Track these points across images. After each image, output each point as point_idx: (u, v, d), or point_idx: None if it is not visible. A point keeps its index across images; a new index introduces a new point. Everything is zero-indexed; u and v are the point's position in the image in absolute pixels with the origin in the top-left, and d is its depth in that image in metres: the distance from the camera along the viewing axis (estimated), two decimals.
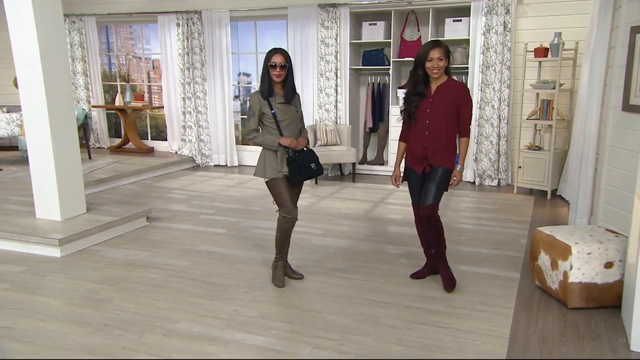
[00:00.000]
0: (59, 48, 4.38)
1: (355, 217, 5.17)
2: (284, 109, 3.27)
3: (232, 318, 3.01)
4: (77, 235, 4.16)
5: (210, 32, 7.64)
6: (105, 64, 9.24)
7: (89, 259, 3.99)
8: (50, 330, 2.87)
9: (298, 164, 3.25)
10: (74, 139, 4.57)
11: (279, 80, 3.21)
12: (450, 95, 3.18)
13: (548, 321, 2.96)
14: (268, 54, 3.21)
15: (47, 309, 3.14)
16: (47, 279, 3.61)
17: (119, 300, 3.24)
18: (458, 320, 2.98)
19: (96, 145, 8.77)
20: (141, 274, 3.68)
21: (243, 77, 8.40)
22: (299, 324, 2.94)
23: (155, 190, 6.33)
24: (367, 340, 2.77)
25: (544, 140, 6.12)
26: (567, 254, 3.00)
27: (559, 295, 3.11)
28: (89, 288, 3.44)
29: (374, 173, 7.28)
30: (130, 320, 2.98)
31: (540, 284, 3.33)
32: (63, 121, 4.42)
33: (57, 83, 4.34)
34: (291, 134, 3.30)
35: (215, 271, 3.74)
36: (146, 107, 8.23)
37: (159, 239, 4.45)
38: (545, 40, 5.83)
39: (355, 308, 3.15)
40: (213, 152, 8.01)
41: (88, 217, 4.57)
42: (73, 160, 4.57)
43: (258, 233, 4.64)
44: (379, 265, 3.86)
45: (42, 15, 4.19)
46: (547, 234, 3.23)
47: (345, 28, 6.96)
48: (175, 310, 3.10)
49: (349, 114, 7.21)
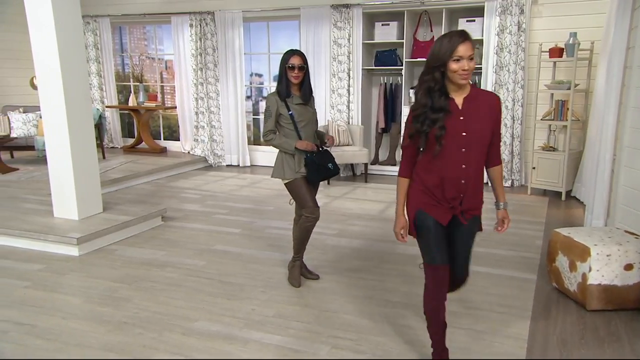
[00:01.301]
0: (78, 50, 4.43)
1: (368, 217, 5.17)
2: (301, 110, 3.29)
3: (250, 317, 3.03)
4: (95, 234, 4.20)
5: (223, 33, 7.68)
6: (119, 65, 9.31)
7: (107, 257, 4.03)
8: (72, 327, 2.91)
9: (316, 164, 3.27)
10: (91, 139, 4.61)
11: (296, 82, 3.23)
12: (484, 110, 2.25)
13: (567, 323, 2.94)
14: (285, 55, 3.22)
15: (68, 307, 3.17)
16: (67, 277, 3.65)
17: (137, 299, 3.27)
18: (475, 321, 2.97)
19: (109, 145, 8.84)
20: (158, 273, 3.70)
21: (255, 77, 8.42)
22: (316, 324, 2.95)
23: (168, 190, 6.37)
24: (384, 340, 2.77)
25: (559, 141, 6.08)
26: (586, 255, 2.98)
27: (577, 297, 3.10)
28: (107, 287, 3.47)
29: (386, 173, 7.27)
30: (149, 318, 3.01)
31: (557, 285, 3.31)
32: (81, 121, 4.47)
33: (75, 84, 4.39)
34: (307, 135, 3.32)
35: (231, 271, 3.76)
36: (159, 107, 8.28)
37: (175, 239, 4.48)
38: (560, 41, 5.79)
39: (372, 308, 3.15)
40: (225, 152, 8.05)
41: (104, 216, 4.61)
42: (90, 160, 4.61)
43: (272, 233, 4.65)
44: (395, 265, 3.86)
45: (62, 18, 4.24)
46: (565, 236, 3.21)
47: (357, 28, 6.96)
48: (193, 309, 3.12)
49: (361, 114, 7.21)
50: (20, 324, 2.95)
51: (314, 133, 3.40)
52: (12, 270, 3.77)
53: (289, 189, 3.34)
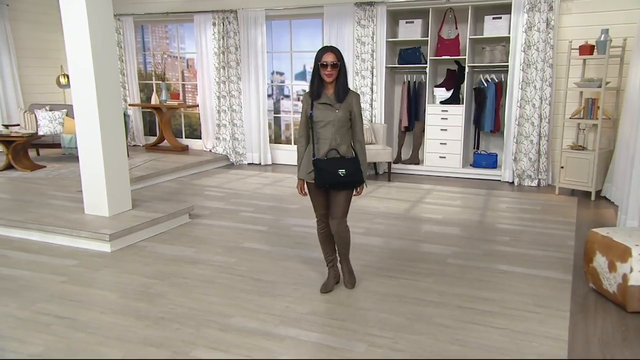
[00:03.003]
0: (110, 49, 4.49)
1: (394, 216, 5.17)
2: (323, 110, 3.11)
3: (284, 314, 3.05)
4: (126, 231, 4.26)
5: (245, 31, 7.73)
6: (141, 63, 9.41)
7: (138, 254, 4.09)
8: (110, 322, 2.96)
9: (318, 168, 3.12)
10: (122, 138, 4.68)
11: (330, 80, 3.09)
12: None
13: (607, 324, 2.91)
14: (319, 52, 3.10)
15: (104, 301, 3.23)
16: (101, 272, 3.71)
17: (172, 295, 3.32)
18: (513, 321, 2.96)
19: (132, 143, 8.95)
20: (190, 270, 3.75)
21: (277, 75, 8.46)
22: (352, 322, 2.96)
23: (192, 188, 6.43)
24: (421, 339, 2.77)
25: (588, 140, 6.01)
26: (626, 256, 2.95)
27: (617, 298, 3.06)
28: (141, 282, 3.53)
29: (409, 172, 7.26)
30: (185, 314, 3.05)
31: (595, 286, 3.28)
32: (112, 120, 4.54)
33: (107, 84, 4.46)
34: (326, 137, 3.13)
35: (261, 268, 3.79)
36: (181, 105, 8.35)
37: (203, 236, 4.53)
38: (590, 38, 5.72)
39: (406, 307, 3.15)
40: (247, 151, 8.10)
41: (134, 213, 4.68)
42: (121, 158, 4.68)
43: (299, 231, 4.68)
44: (425, 264, 3.85)
45: (95, 18, 4.31)
46: (604, 236, 3.18)
47: (381, 26, 6.96)
48: (227, 306, 3.16)
49: (384, 112, 7.20)
50: (62, 318, 3.01)
51: (337, 136, 3.13)
52: (48, 266, 3.85)
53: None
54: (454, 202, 5.73)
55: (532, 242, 4.32)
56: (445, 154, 6.96)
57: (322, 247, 3.43)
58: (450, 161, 6.95)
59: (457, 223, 4.91)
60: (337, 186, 3.15)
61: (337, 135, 3.15)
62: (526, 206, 5.52)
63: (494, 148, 7.12)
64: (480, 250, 4.15)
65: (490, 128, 6.82)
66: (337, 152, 3.15)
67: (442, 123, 6.90)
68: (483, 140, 7.17)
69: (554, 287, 3.42)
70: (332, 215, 3.24)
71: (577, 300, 3.23)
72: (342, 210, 3.23)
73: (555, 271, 3.69)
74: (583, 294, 3.31)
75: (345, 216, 3.26)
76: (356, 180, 3.17)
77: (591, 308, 3.12)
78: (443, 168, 7.02)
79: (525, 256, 4.00)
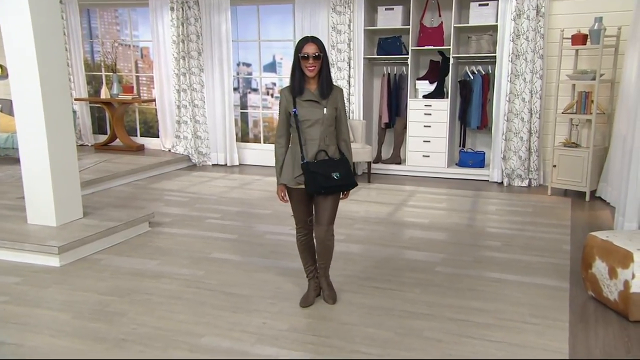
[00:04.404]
0: (55, 36, 4.38)
1: (376, 221, 5.21)
2: (309, 108, 3.11)
3: (261, 332, 3.04)
4: (77, 242, 4.17)
5: (208, 17, 7.67)
6: (87, 52, 9.22)
7: (92, 268, 4.01)
8: (63, 346, 2.89)
9: (310, 171, 3.10)
10: (71, 137, 4.58)
11: (312, 74, 3.08)
12: None
13: (609, 335, 3.01)
14: (299, 43, 3.10)
15: (55, 323, 3.15)
16: (50, 290, 3.62)
17: (133, 313, 3.26)
18: (509, 333, 3.02)
19: (79, 142, 8.75)
20: (153, 285, 3.70)
21: (243, 67, 8.42)
22: (335, 338, 2.98)
23: (150, 192, 6.34)
24: (413, 355, 2.81)
25: (581, 136, 6.19)
26: (628, 261, 3.05)
27: (618, 307, 3.17)
28: (97, 300, 3.46)
29: (390, 173, 7.33)
30: (149, 334, 3.00)
31: (594, 294, 3.38)
32: (59, 117, 4.43)
33: (53, 75, 4.35)
34: (314, 138, 3.14)
35: (233, 280, 3.76)
36: (135, 100, 8.23)
37: (166, 246, 4.48)
38: (583, 26, 5.90)
39: (394, 320, 3.18)
40: (211, 150, 8.04)
41: (86, 222, 4.58)
42: (69, 159, 4.58)
43: (273, 239, 4.67)
44: (412, 273, 3.90)
45: (37, 0, 4.20)
46: (603, 240, 3.28)
47: (359, 13, 7.01)
48: (197, 324, 3.13)
49: (363, 108, 7.26)
50: (5, 344, 2.92)
51: (325, 136, 3.16)
52: None
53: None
54: (440, 204, 5.82)
55: (525, 247, 4.43)
56: (428, 152, 7.06)
57: (301, 257, 3.43)
58: (435, 160, 7.05)
59: (444, 227, 4.99)
60: (331, 191, 3.15)
61: (325, 135, 3.16)
62: (517, 208, 5.65)
63: (481, 146, 7.27)
64: (471, 256, 4.23)
65: (477, 124, 6.96)
66: (326, 154, 3.16)
67: (425, 119, 6.99)
68: (469, 138, 7.30)
69: (551, 295, 3.51)
70: (319, 221, 3.24)
71: (575, 309, 3.33)
72: (330, 216, 3.24)
73: (551, 278, 3.78)
74: (582, 303, 3.41)
75: (332, 222, 3.28)
76: (350, 183, 3.20)
77: (591, 318, 3.21)
78: (427, 168, 7.12)
79: (518, 262, 4.10)
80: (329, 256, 3.37)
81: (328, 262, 3.39)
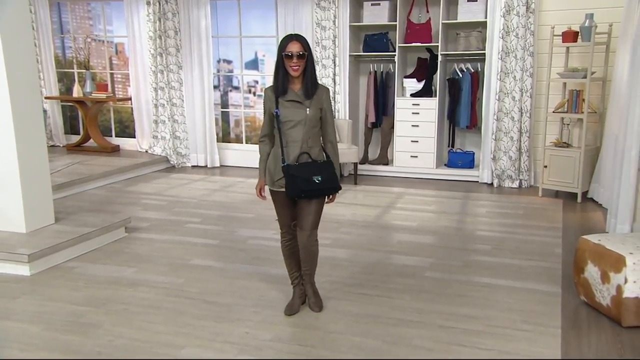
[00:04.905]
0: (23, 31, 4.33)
1: (363, 224, 5.23)
2: (291, 108, 3.12)
3: (244, 342, 3.04)
4: (49, 249, 4.13)
5: (186, 12, 7.63)
6: (58, 48, 9.13)
7: (65, 277, 3.97)
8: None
9: (290, 175, 3.11)
10: (41, 137, 4.54)
11: (296, 74, 3.09)
12: None
13: (602, 342, 3.05)
14: (282, 41, 3.11)
15: (25, 336, 3.11)
16: (19, 301, 3.58)
17: (109, 325, 3.24)
18: (500, 341, 3.05)
19: (49, 143, 8.65)
20: (130, 294, 3.67)
21: (224, 64, 8.39)
22: (321, 348, 2.98)
23: (127, 196, 6.30)
24: None
25: (573, 136, 6.28)
26: (620, 265, 3.10)
27: (610, 312, 3.21)
28: (70, 311, 3.42)
29: (377, 174, 7.35)
30: (127, 347, 2.98)
31: (587, 299, 3.43)
32: (28, 116, 4.38)
33: (21, 72, 4.30)
34: (296, 140, 3.15)
35: (215, 289, 3.75)
36: (110, 98, 8.17)
37: (144, 253, 4.45)
38: (574, 23, 5.97)
39: (382, 328, 3.20)
40: (190, 151, 8.00)
41: (57, 228, 4.54)
42: (40, 161, 4.53)
43: (256, 244, 4.66)
44: (401, 279, 3.92)
45: None
46: (595, 243, 3.33)
47: (344, 9, 7.02)
48: (177, 335, 3.11)
49: (349, 107, 7.28)
50: None
51: (311, 138, 3.17)
52: None
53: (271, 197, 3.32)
54: (429, 206, 5.86)
55: (516, 251, 4.48)
56: (416, 152, 7.10)
57: (286, 263, 3.43)
58: (423, 161, 7.10)
59: (433, 231, 5.02)
60: (312, 195, 3.16)
61: (309, 137, 3.17)
62: (507, 210, 5.71)
63: (471, 146, 7.33)
64: (460, 261, 4.27)
65: (466, 123, 7.01)
66: (309, 156, 3.17)
67: (413, 118, 7.03)
68: (458, 137, 7.36)
69: (542, 301, 3.55)
70: (302, 226, 3.24)
71: (567, 315, 3.37)
72: (314, 221, 3.24)
73: (542, 283, 3.83)
74: (574, 308, 3.46)
75: (316, 227, 3.28)
76: (333, 187, 3.20)
77: (584, 324, 3.26)
78: (415, 169, 7.16)
79: (509, 267, 4.14)
80: (313, 262, 3.37)
81: (313, 268, 3.40)
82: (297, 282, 3.44)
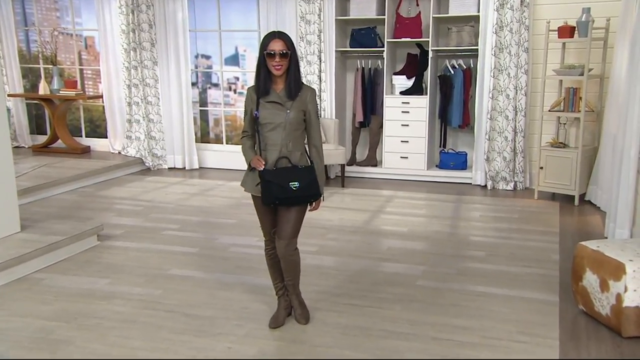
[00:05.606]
0: None
1: (351, 230, 5.25)
2: (271, 110, 3.13)
3: (227, 357, 3.03)
4: (14, 260, 4.10)
5: (161, 4, 7.60)
6: (22, 42, 9.03)
7: (32, 289, 3.94)
8: None
9: (265, 180, 3.10)
10: (4, 137, 4.50)
11: (279, 73, 3.10)
12: None
13: (602, 353, 3.10)
14: (264, 39, 3.11)
15: None
16: None
17: (81, 341, 3.22)
18: (496, 353, 3.09)
19: (13, 144, 8.55)
20: (103, 307, 3.65)
21: (202, 59, 8.37)
22: None
23: (99, 201, 6.26)
24: None
25: (570, 136, 6.36)
26: (620, 273, 3.15)
27: (610, 322, 3.26)
28: (39, 327, 3.40)
29: (366, 176, 7.39)
30: None
31: (585, 308, 3.48)
32: None
33: None
34: (275, 143, 3.15)
35: (195, 300, 3.75)
36: (80, 96, 8.10)
37: (118, 262, 4.43)
38: (570, 17, 6.05)
39: (372, 342, 3.21)
40: (167, 152, 7.97)
41: (24, 236, 4.52)
42: (3, 164, 4.49)
43: (239, 252, 4.66)
44: (391, 288, 3.94)
45: None
46: (594, 250, 3.38)
47: (330, 2, 7.04)
48: (155, 350, 3.10)
49: (335, 105, 7.30)
50: None
51: (289, 141, 3.17)
52: None
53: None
54: (420, 210, 5.89)
55: (511, 257, 4.52)
56: (407, 153, 7.14)
57: (270, 273, 3.44)
58: (413, 162, 7.14)
59: (425, 236, 5.05)
60: (287, 202, 3.17)
61: (289, 141, 3.17)
62: (502, 214, 5.76)
63: (463, 146, 7.39)
64: (454, 268, 4.30)
65: (459, 123, 7.07)
66: (288, 161, 3.17)
67: (402, 117, 7.07)
68: (450, 137, 7.42)
69: (539, 310, 3.59)
70: (280, 235, 3.25)
71: (565, 325, 3.41)
72: (292, 230, 3.24)
73: (539, 291, 3.88)
74: (572, 318, 3.50)
75: (295, 236, 3.28)
76: (311, 194, 3.20)
77: (582, 334, 3.31)
78: (405, 170, 7.20)
79: (504, 274, 4.18)
80: (295, 272, 3.38)
81: (296, 278, 3.40)
82: (282, 293, 3.44)
